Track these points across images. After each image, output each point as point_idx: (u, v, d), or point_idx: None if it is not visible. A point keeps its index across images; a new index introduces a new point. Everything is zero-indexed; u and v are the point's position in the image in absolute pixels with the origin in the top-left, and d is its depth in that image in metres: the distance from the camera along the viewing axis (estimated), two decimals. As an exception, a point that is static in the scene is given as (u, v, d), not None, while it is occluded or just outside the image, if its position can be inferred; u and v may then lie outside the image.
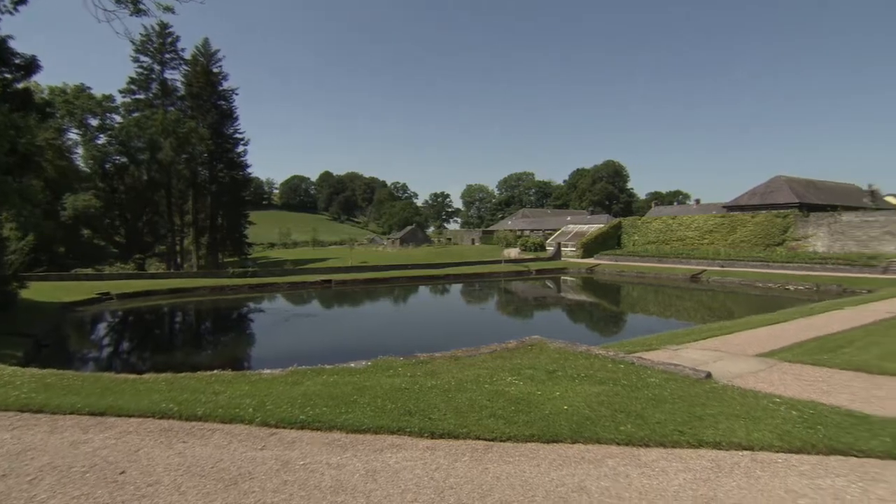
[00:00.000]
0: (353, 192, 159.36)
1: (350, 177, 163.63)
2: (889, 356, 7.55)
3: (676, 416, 4.18)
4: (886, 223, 30.68)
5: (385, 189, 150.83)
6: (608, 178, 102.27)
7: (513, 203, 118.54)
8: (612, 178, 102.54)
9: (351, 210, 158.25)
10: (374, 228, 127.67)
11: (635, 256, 39.92)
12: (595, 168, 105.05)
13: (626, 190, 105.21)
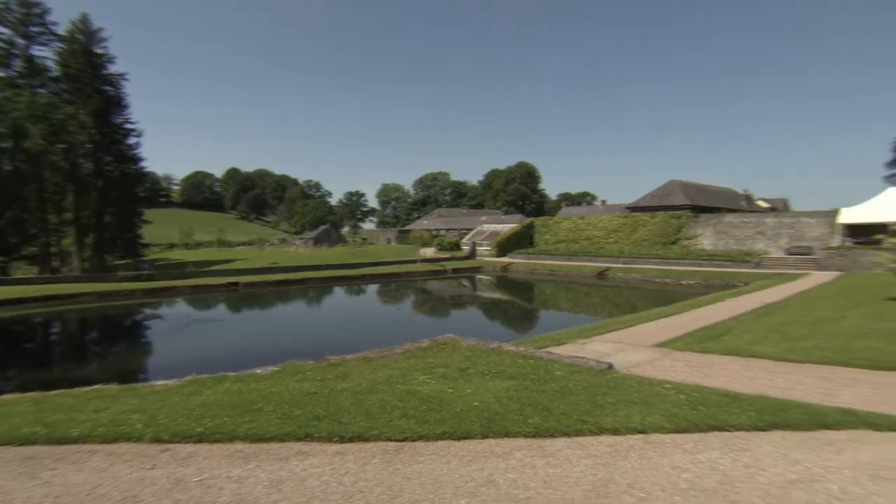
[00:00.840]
0: (263, 190, 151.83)
1: (259, 174, 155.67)
2: (757, 341, 8.59)
3: (580, 406, 4.45)
4: (757, 224, 34.99)
5: (297, 187, 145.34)
6: (521, 179, 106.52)
7: (429, 203, 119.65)
8: (525, 179, 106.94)
9: (261, 209, 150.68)
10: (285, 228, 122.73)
11: (547, 255, 41.91)
12: (509, 169, 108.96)
13: (538, 191, 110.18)
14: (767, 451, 3.61)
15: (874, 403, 4.67)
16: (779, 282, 22.22)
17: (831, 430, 3.98)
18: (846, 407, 4.48)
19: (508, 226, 51.86)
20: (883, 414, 4.28)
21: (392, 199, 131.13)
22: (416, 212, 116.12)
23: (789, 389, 5.23)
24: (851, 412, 4.29)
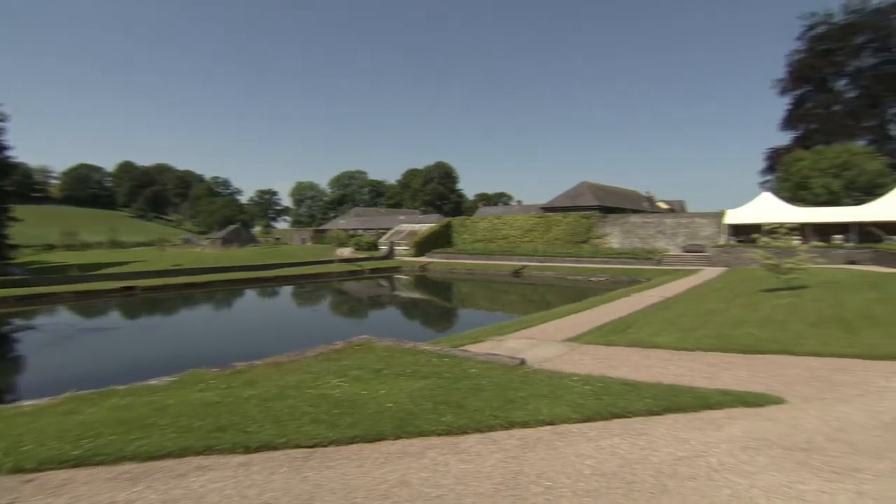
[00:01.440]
0: (164, 187, 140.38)
1: (159, 169, 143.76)
2: (657, 333, 9.35)
3: (492, 402, 4.59)
4: (658, 224, 38.15)
5: (203, 184, 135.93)
6: (439, 178, 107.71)
7: (346, 202, 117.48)
8: (442, 179, 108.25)
9: (161, 207, 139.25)
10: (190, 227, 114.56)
11: (465, 254, 42.79)
12: (427, 169, 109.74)
13: (456, 191, 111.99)
14: (661, 433, 3.94)
15: (747, 383, 5.27)
16: (676, 277, 24.35)
17: (713, 409, 4.43)
18: (725, 388, 5.02)
19: (427, 225, 52.25)
20: (753, 392, 4.84)
21: (307, 197, 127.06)
22: (333, 211, 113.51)
23: (681, 376, 5.75)
24: (729, 392, 4.80)
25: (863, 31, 49.27)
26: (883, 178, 38.36)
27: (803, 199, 38.25)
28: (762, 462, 3.35)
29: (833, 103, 50.85)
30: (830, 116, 49.62)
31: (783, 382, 5.30)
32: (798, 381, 5.32)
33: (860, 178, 38.20)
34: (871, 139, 49.01)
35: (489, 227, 45.67)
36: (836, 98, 51.36)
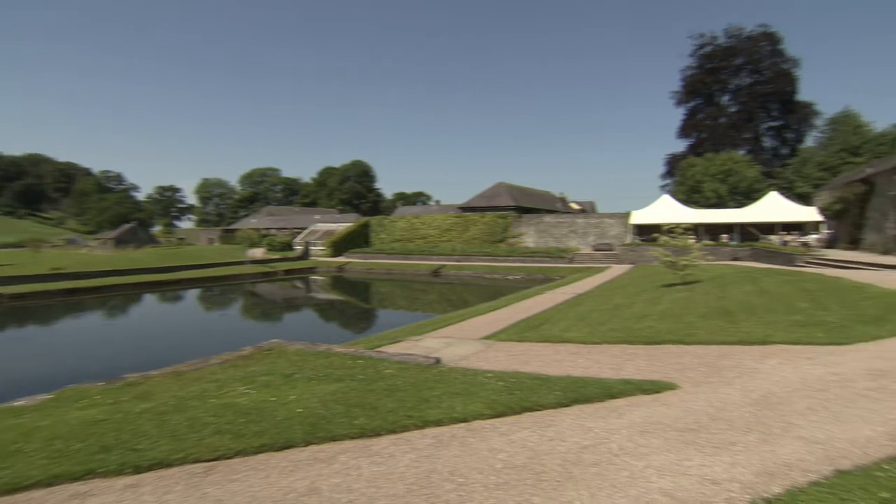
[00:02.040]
0: (40, 180, 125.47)
1: (33, 159, 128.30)
2: (568, 328, 9.86)
3: (406, 402, 4.59)
4: (571, 224, 40.28)
5: (91, 179, 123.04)
6: (357, 177, 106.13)
7: (257, 200, 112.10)
8: (360, 177, 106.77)
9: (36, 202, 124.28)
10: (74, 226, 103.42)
11: (383, 254, 42.50)
12: (344, 167, 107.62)
13: (373, 190, 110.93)
14: (568, 423, 4.16)
15: (647, 372, 5.71)
16: (587, 275, 25.83)
17: (616, 398, 4.74)
18: (628, 378, 5.40)
19: (344, 225, 51.26)
20: (652, 380, 5.25)
21: (215, 195, 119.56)
22: (244, 210, 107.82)
23: (588, 368, 6.10)
24: (631, 382, 5.18)
25: (740, 54, 55.53)
26: (759, 184, 43.35)
27: (697, 202, 42.24)
28: (656, 444, 3.64)
29: (719, 116, 56.63)
30: (717, 127, 55.21)
31: (677, 370, 5.80)
32: (690, 368, 5.84)
33: (741, 183, 42.85)
34: (749, 149, 55.18)
35: (408, 226, 45.70)
36: (721, 111, 57.25)
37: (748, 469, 3.15)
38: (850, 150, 44.98)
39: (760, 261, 27.21)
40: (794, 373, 5.36)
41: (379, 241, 46.48)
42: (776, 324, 8.23)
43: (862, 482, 2.82)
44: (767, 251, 28.39)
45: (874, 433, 3.60)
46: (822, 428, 3.76)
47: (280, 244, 47.69)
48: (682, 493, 2.90)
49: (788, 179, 47.80)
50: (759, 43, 54.71)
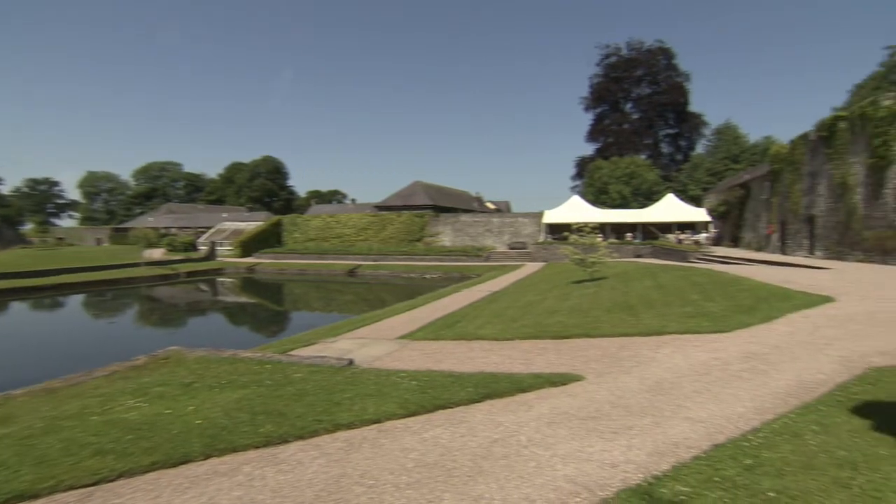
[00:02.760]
0: None
1: None
2: (483, 325, 10.11)
3: (317, 406, 4.47)
4: (487, 223, 41.38)
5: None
6: (268, 174, 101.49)
7: (155, 197, 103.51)
8: (271, 174, 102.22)
9: None
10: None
11: (297, 254, 41.13)
12: (254, 163, 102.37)
13: (286, 187, 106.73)
14: (480, 419, 4.26)
15: (555, 365, 6.01)
16: (503, 273, 26.64)
17: (526, 392, 4.94)
18: (537, 372, 5.64)
19: (254, 224, 48.92)
20: (559, 373, 5.53)
21: (103, 190, 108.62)
22: (139, 207, 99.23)
23: (500, 364, 6.30)
24: (540, 375, 5.41)
25: (641, 66, 60.24)
26: (658, 186, 47.19)
27: (604, 202, 45.11)
28: (563, 433, 3.84)
29: (624, 122, 60.87)
30: (622, 133, 59.31)
31: (583, 362, 6.15)
32: (594, 360, 6.22)
33: (643, 186, 46.38)
34: (649, 154, 59.93)
35: (322, 225, 44.55)
36: (625, 118, 61.58)
37: (642, 450, 3.41)
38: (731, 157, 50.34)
39: (659, 257, 29.62)
40: (684, 360, 5.89)
41: (292, 241, 44.85)
42: (670, 315, 9.00)
43: (732, 452, 3.17)
44: (665, 249, 30.96)
45: (744, 409, 4.05)
46: (705, 408, 4.17)
47: (182, 244, 44.47)
48: (584, 478, 3.08)
49: (683, 183, 52.52)
50: (656, 56, 59.63)
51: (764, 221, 29.30)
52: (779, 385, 4.65)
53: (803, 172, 24.05)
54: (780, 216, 26.72)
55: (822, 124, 22.19)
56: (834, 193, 21.19)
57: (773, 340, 6.53)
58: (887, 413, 3.64)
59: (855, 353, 5.53)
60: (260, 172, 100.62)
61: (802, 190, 24.04)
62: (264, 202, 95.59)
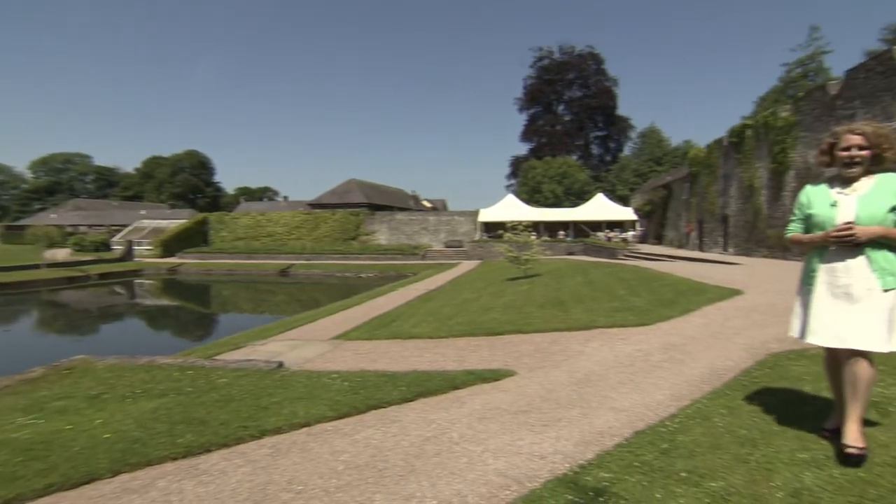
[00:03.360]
0: None
1: None
2: (418, 324, 10.12)
3: (242, 412, 4.29)
4: (423, 221, 41.46)
5: None
6: (192, 169, 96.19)
7: (59, 192, 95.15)
8: (196, 169, 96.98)
9: None
10: None
11: (225, 253, 39.38)
12: (176, 157, 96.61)
13: (212, 184, 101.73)
14: (412, 417, 4.26)
15: (489, 362, 6.12)
16: (439, 271, 26.80)
17: (459, 389, 4.99)
18: (471, 368, 5.72)
19: (177, 222, 46.24)
20: (492, 369, 5.64)
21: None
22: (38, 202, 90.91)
23: (434, 362, 6.33)
24: (473, 372, 5.49)
25: (572, 69, 62.64)
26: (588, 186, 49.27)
27: (538, 201, 46.47)
28: (494, 428, 3.91)
29: (556, 123, 63.02)
30: (555, 134, 61.38)
31: (515, 357, 6.31)
32: (526, 355, 6.39)
33: (574, 185, 48.23)
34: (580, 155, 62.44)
35: (252, 223, 42.87)
36: (558, 119, 63.78)
37: (570, 441, 3.54)
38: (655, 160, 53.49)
39: (590, 255, 30.93)
40: (610, 352, 6.18)
41: (220, 240, 42.80)
42: (599, 310, 9.42)
43: (651, 438, 3.36)
44: (596, 246, 32.38)
45: (663, 396, 4.32)
46: (628, 397, 4.40)
47: (93, 244, 41.18)
48: (514, 471, 3.15)
49: (612, 183, 55.17)
50: (587, 61, 62.20)
51: (684, 220, 31.35)
52: (694, 373, 4.98)
53: (718, 175, 25.96)
54: (698, 215, 28.68)
55: (733, 131, 24.06)
56: (743, 195, 23.04)
57: (690, 332, 6.99)
58: (781, 394, 4.00)
59: (757, 341, 6.03)
60: (183, 167, 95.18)
61: (717, 191, 25.93)
62: (188, 199, 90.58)
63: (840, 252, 2.62)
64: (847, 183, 2.70)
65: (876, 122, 12.13)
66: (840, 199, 2.67)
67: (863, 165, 2.64)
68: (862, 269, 2.57)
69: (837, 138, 2.72)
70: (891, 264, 2.56)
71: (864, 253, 2.57)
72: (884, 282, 2.54)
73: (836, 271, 2.64)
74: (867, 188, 2.62)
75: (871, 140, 2.60)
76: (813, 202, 2.79)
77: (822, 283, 2.69)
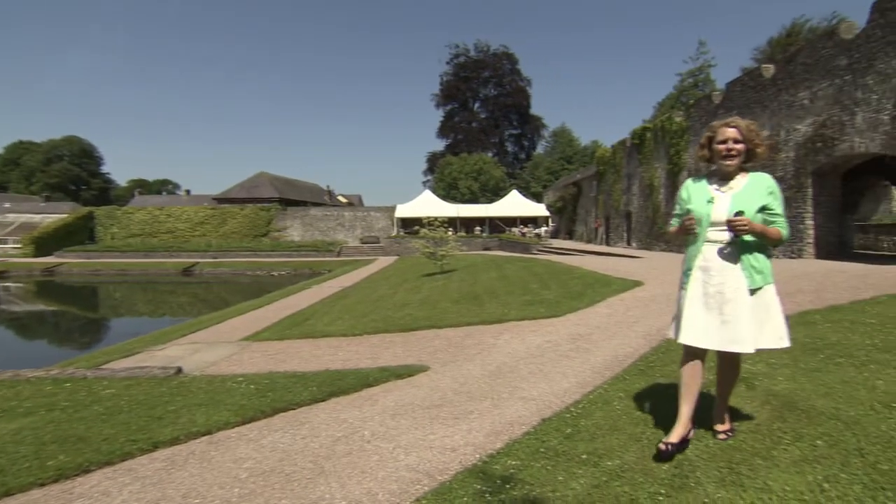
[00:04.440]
0: None
1: None
2: (332, 322, 9.91)
3: (131, 424, 3.94)
4: (338, 217, 40.61)
5: None
6: (73, 158, 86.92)
7: None
8: (78, 158, 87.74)
9: None
10: None
11: (116, 252, 36.13)
12: (51, 143, 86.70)
13: (100, 174, 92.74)
14: (323, 418, 4.15)
15: (402, 358, 6.11)
16: (355, 267, 26.38)
17: (372, 386, 4.94)
18: (384, 365, 5.68)
19: (54, 216, 41.68)
20: (406, 365, 5.64)
21: None
22: None
23: (348, 360, 6.22)
24: (387, 369, 5.46)
25: (487, 68, 64.18)
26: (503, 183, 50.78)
27: (454, 197, 47.13)
28: (406, 424, 3.91)
29: (472, 120, 64.23)
30: (471, 131, 62.53)
31: (429, 353, 6.35)
32: (440, 350, 6.46)
33: (490, 182, 49.48)
34: (495, 152, 64.15)
35: (149, 219, 39.66)
36: (474, 116, 65.04)
37: (481, 432, 3.62)
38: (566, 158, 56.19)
39: (505, 250, 31.90)
40: (521, 344, 6.41)
41: (110, 237, 39.17)
42: (512, 304, 9.73)
43: (556, 425, 3.53)
44: (511, 241, 33.45)
45: (569, 384, 4.55)
46: (537, 387, 4.58)
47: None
48: (425, 465, 3.17)
49: (525, 180, 57.20)
50: (501, 60, 63.93)
51: (593, 216, 33.25)
52: (598, 361, 5.29)
53: (622, 174, 27.80)
54: (605, 212, 30.55)
55: (635, 133, 25.88)
56: (644, 193, 24.88)
57: (595, 322, 7.42)
58: (672, 375, 4.37)
59: (653, 328, 6.53)
60: (61, 155, 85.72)
61: (622, 189, 27.76)
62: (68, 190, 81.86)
63: (715, 252, 2.71)
64: (724, 179, 2.84)
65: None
66: (717, 195, 2.80)
67: (739, 158, 2.76)
68: (734, 268, 2.66)
69: (714, 132, 2.85)
70: (760, 263, 2.66)
71: (737, 253, 2.68)
72: (751, 281, 2.63)
73: (710, 271, 2.71)
74: (741, 186, 2.77)
75: (745, 134, 2.75)
76: (692, 197, 2.90)
77: (697, 282, 2.75)
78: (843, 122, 12.63)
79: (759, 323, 2.64)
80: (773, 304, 2.69)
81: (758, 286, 2.64)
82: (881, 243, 17.55)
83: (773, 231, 2.66)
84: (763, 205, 2.68)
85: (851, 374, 3.77)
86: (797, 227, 14.21)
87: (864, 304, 6.39)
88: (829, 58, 13.08)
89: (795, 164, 14.37)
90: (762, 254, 2.69)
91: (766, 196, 2.70)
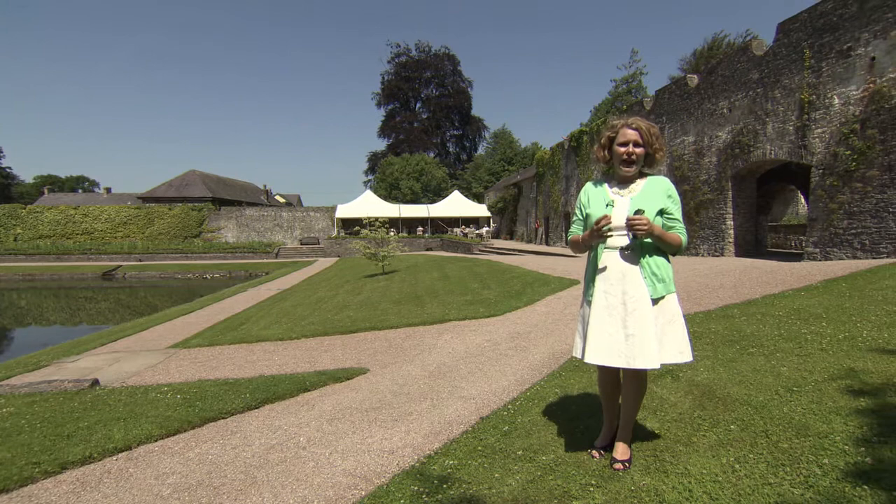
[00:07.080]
0: None
1: None
2: (268, 326, 9.58)
3: (34, 445, 3.61)
4: (276, 217, 39.35)
5: None
6: (-39, 149, 79.19)
7: None
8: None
9: None
10: None
11: (21, 254, 33.28)
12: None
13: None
14: (256, 426, 3.99)
15: (341, 361, 6.00)
16: (294, 269, 25.64)
17: (309, 391, 4.81)
18: (322, 369, 5.55)
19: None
20: (345, 368, 5.54)
21: None
22: None
23: (284, 365, 6.02)
24: (324, 372, 5.33)
25: (429, 68, 64.35)
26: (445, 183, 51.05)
27: (396, 198, 46.89)
28: (344, 428, 3.83)
29: (414, 120, 64.16)
30: (412, 131, 62.43)
31: (369, 355, 6.27)
32: (380, 352, 6.39)
33: (432, 182, 49.61)
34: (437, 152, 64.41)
35: (62, 219, 36.80)
36: (415, 116, 65.00)
37: (419, 433, 3.60)
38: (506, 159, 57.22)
39: (447, 250, 32.07)
40: (462, 344, 6.45)
41: (12, 239, 35.95)
42: (453, 304, 9.79)
43: (494, 422, 3.57)
44: (453, 241, 33.66)
45: (508, 382, 4.62)
46: (476, 385, 4.62)
47: None
48: (362, 469, 3.11)
49: (467, 181, 57.73)
50: (443, 61, 64.29)
51: (533, 217, 34.06)
52: (536, 359, 5.41)
53: (561, 175, 28.64)
54: (545, 212, 31.37)
55: (572, 136, 26.73)
56: (581, 194, 25.74)
57: (534, 320, 7.59)
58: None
59: (591, 325, 6.76)
60: (-48, 147, 77.64)
61: (560, 190, 28.60)
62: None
63: (615, 258, 2.58)
64: (624, 183, 2.71)
65: (675, 135, 14.41)
66: (616, 199, 2.67)
67: (638, 164, 2.66)
68: (636, 276, 2.52)
69: (616, 132, 2.70)
70: (661, 271, 2.53)
71: (638, 258, 2.54)
72: (653, 290, 2.50)
73: (610, 280, 2.56)
74: (639, 189, 2.65)
75: (645, 137, 2.63)
76: (591, 201, 2.73)
77: (600, 293, 2.59)
78: (756, 131, 13.63)
79: (661, 335, 2.52)
80: (675, 316, 2.56)
81: (660, 295, 2.52)
82: (790, 242, 19.11)
83: (673, 236, 2.52)
84: (662, 208, 2.55)
85: (761, 363, 4.05)
86: (720, 227, 15.19)
87: (773, 298, 6.90)
88: (744, 71, 14.09)
89: (717, 168, 15.34)
90: (663, 259, 2.57)
91: (665, 199, 2.58)
